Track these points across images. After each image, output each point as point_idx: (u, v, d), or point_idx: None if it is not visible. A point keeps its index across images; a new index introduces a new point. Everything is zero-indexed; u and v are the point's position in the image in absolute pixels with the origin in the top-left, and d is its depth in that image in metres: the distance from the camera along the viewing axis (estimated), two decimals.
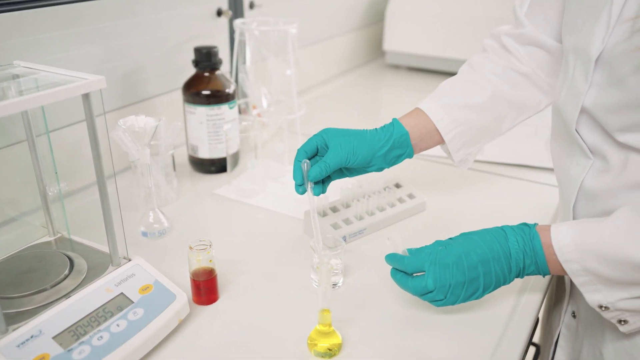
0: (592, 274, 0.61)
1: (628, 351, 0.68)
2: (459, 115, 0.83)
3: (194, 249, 0.71)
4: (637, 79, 0.59)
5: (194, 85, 1.06)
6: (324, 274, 0.62)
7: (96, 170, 0.65)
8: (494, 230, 0.68)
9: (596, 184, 0.67)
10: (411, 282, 0.68)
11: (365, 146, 0.78)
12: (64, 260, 0.70)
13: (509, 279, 0.67)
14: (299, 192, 0.78)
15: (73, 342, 0.60)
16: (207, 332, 0.69)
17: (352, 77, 1.81)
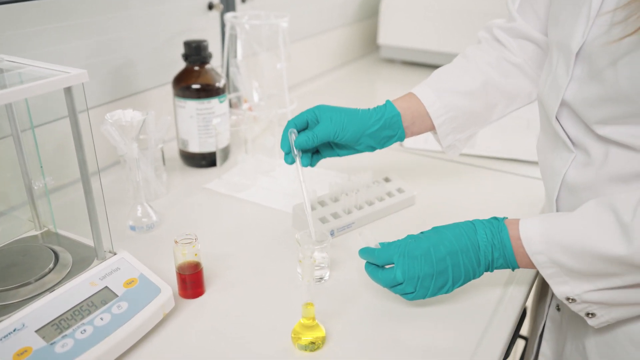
0: (559, 265, 0.62)
1: (609, 344, 0.68)
2: (450, 101, 0.84)
3: (179, 243, 0.72)
4: (613, 73, 0.59)
5: (184, 79, 1.06)
6: (307, 267, 0.63)
7: (79, 163, 0.65)
8: (463, 224, 0.69)
9: (578, 177, 0.67)
10: (381, 273, 0.69)
11: (356, 123, 0.79)
12: (48, 254, 0.70)
13: (478, 272, 0.68)
14: (287, 161, 0.79)
15: (56, 336, 0.60)
16: (192, 326, 0.70)
17: (347, 71, 1.80)
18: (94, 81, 1.04)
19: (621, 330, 0.67)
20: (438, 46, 1.73)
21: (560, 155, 0.70)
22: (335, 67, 1.83)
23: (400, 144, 1.23)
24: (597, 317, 0.64)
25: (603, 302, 0.62)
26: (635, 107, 0.59)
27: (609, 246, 0.57)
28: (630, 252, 0.56)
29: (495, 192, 1.04)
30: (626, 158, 0.62)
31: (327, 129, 0.78)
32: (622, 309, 0.63)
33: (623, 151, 0.63)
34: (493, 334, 0.69)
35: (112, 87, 1.08)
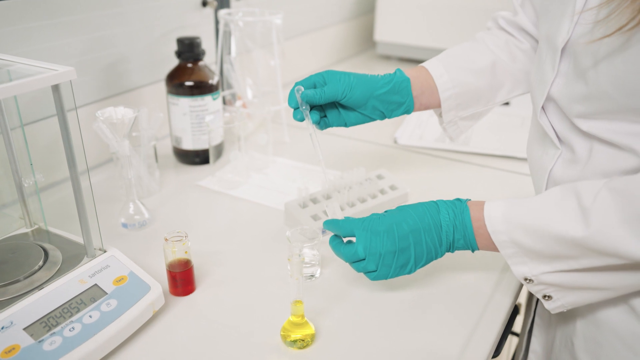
0: (518, 245, 0.63)
1: (597, 341, 0.68)
2: (458, 76, 0.84)
3: (169, 240, 0.72)
4: (596, 73, 0.60)
5: (177, 76, 1.05)
6: (296, 265, 0.63)
7: (68, 161, 0.65)
8: (427, 204, 0.70)
9: (564, 174, 0.68)
10: (343, 248, 0.70)
11: (364, 83, 0.79)
12: (38, 252, 0.70)
13: (440, 251, 0.69)
14: (295, 117, 0.78)
15: (44, 334, 0.60)
16: (183, 323, 0.70)
17: (343, 68, 1.80)
18: (87, 78, 1.04)
19: (608, 327, 0.67)
20: (435, 43, 1.73)
21: (547, 151, 0.71)
22: (331, 63, 1.83)
23: (395, 140, 1.23)
24: (554, 300, 0.65)
25: (559, 284, 0.63)
26: (617, 105, 0.59)
27: (567, 228, 0.58)
28: (586, 234, 0.57)
29: (488, 188, 1.04)
30: (609, 155, 0.63)
31: (335, 87, 0.77)
32: (578, 293, 0.63)
33: (606, 148, 0.63)
34: (483, 330, 0.70)
35: (106, 84, 1.08)
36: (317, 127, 0.80)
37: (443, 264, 0.80)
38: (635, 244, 0.55)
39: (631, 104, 0.59)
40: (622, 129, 0.61)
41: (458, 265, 0.80)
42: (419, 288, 0.76)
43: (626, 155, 0.62)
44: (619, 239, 0.56)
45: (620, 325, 0.66)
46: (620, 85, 0.59)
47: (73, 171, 0.66)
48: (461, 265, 0.80)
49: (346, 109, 0.81)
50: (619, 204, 0.56)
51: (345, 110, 0.81)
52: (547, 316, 0.80)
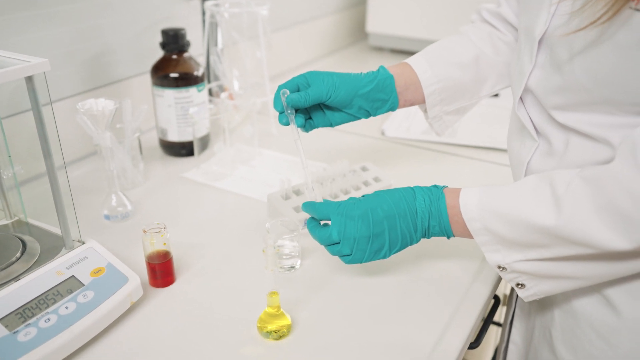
0: (492, 233, 0.64)
1: (574, 333, 0.69)
2: (441, 71, 0.84)
3: (147, 232, 0.72)
4: (571, 65, 0.60)
5: (162, 68, 1.05)
6: (270, 257, 0.63)
7: (44, 152, 0.65)
8: (404, 189, 0.70)
9: (541, 166, 0.68)
10: (318, 231, 0.70)
11: (348, 83, 0.79)
12: (16, 244, 0.70)
13: (415, 237, 0.69)
14: (281, 121, 0.78)
15: (19, 325, 0.60)
16: (161, 315, 0.70)
17: (334, 60, 1.80)
18: (73, 70, 1.04)
19: (584, 318, 0.67)
20: (427, 34, 1.72)
21: (525, 143, 0.71)
22: (322, 55, 1.82)
23: (383, 132, 1.23)
24: (527, 289, 0.65)
25: (532, 272, 0.63)
26: (592, 96, 0.60)
27: (539, 216, 0.59)
28: (558, 223, 0.57)
29: (473, 180, 1.04)
30: (586, 147, 0.63)
31: (319, 89, 0.77)
32: (551, 281, 0.64)
33: (582, 140, 0.63)
34: (461, 319, 0.70)
35: (92, 76, 1.08)
36: (302, 130, 0.80)
37: (423, 253, 0.80)
38: (605, 233, 0.55)
39: (606, 96, 0.59)
40: (597, 121, 0.62)
41: (438, 254, 0.81)
42: (398, 277, 0.76)
43: (601, 147, 0.62)
44: (590, 228, 0.56)
45: (595, 316, 0.66)
46: (594, 77, 0.59)
47: (49, 162, 0.66)
48: (442, 254, 0.81)
49: (331, 110, 0.81)
50: (591, 193, 0.56)
51: (330, 110, 0.81)
52: (527, 307, 0.81)
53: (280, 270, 0.78)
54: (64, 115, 1.00)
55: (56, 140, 0.66)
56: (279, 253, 0.78)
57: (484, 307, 0.74)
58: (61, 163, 0.69)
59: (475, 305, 0.72)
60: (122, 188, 0.97)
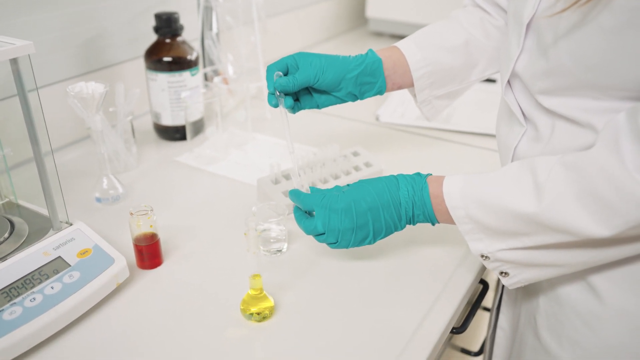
0: (475, 221, 0.64)
1: (558, 319, 0.69)
2: (431, 54, 0.83)
3: (134, 214, 0.72)
4: (556, 48, 0.60)
5: (156, 52, 1.05)
6: (252, 239, 0.63)
7: (30, 135, 0.66)
8: (387, 180, 0.70)
9: (527, 152, 0.68)
10: (304, 222, 0.71)
11: (336, 66, 0.79)
12: (4, 224, 0.71)
13: (399, 225, 0.70)
14: (270, 103, 0.78)
15: (5, 304, 0.61)
16: (147, 296, 0.71)
17: (333, 45, 1.79)
18: (67, 53, 1.04)
19: (568, 305, 0.68)
20: (427, 19, 1.70)
21: (512, 129, 0.71)
22: (321, 40, 1.81)
23: (377, 118, 1.23)
24: (511, 277, 0.66)
25: (515, 261, 0.64)
26: (577, 80, 0.59)
27: (520, 203, 0.59)
28: (538, 210, 0.58)
29: (466, 166, 1.04)
30: (571, 132, 0.63)
31: (306, 72, 0.77)
32: (534, 270, 0.64)
33: (568, 125, 0.63)
34: (443, 303, 0.70)
35: (86, 60, 1.08)
36: (290, 112, 0.80)
37: (410, 238, 0.81)
38: (585, 220, 0.56)
39: (589, 80, 0.59)
40: (582, 106, 0.61)
41: (425, 239, 0.81)
42: (384, 262, 0.77)
43: (586, 132, 0.62)
44: (570, 215, 0.56)
45: (579, 302, 0.67)
46: (578, 61, 0.58)
47: (35, 144, 0.67)
48: (428, 239, 0.81)
49: (318, 92, 0.81)
50: (571, 180, 0.56)
51: (317, 93, 0.81)
52: (513, 293, 0.81)
53: (267, 253, 0.79)
54: (58, 99, 1.01)
55: (43, 124, 0.66)
56: (265, 236, 0.78)
57: (468, 292, 0.74)
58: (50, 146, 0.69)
59: (458, 290, 0.73)
60: (114, 171, 0.98)
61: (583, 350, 0.66)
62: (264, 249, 0.79)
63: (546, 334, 0.71)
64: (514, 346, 0.80)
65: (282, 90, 0.77)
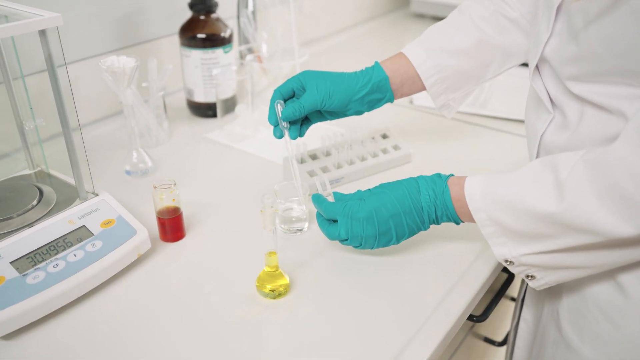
0: (497, 223, 0.62)
1: (581, 312, 0.67)
2: (441, 60, 0.81)
3: (157, 188, 0.74)
4: (586, 33, 0.57)
5: (190, 29, 1.06)
6: (268, 217, 0.63)
7: (58, 107, 0.67)
8: (407, 183, 0.69)
9: (554, 139, 0.66)
10: (327, 228, 0.71)
11: (343, 90, 0.78)
12: (34, 192, 0.73)
13: (423, 227, 0.69)
14: (276, 135, 0.78)
15: (29, 268, 0.64)
16: (167, 268, 0.72)
17: (372, 27, 1.76)
18: (104, 28, 1.06)
19: (592, 299, 0.66)
20: None
21: (540, 116, 0.68)
22: (359, 21, 1.78)
23: (411, 101, 1.21)
24: (537, 280, 0.64)
25: (540, 265, 0.62)
26: (607, 66, 0.57)
27: (541, 202, 0.57)
28: (560, 209, 0.55)
29: (495, 152, 1.01)
30: (600, 120, 0.60)
31: (313, 98, 0.76)
32: (560, 272, 0.62)
33: (597, 112, 0.60)
34: (461, 289, 0.69)
35: (123, 34, 1.10)
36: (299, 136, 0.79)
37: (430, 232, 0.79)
38: (608, 218, 0.53)
39: (620, 66, 0.56)
40: (612, 92, 0.59)
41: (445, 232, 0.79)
42: (403, 252, 0.75)
43: (616, 119, 0.59)
44: (592, 214, 0.54)
45: (602, 297, 0.65)
46: (609, 46, 0.56)
47: (63, 117, 0.68)
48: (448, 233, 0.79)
49: (327, 112, 0.81)
50: (593, 176, 0.54)
51: (326, 112, 0.81)
52: None
53: (287, 232, 0.79)
54: (95, 73, 1.03)
55: (71, 97, 0.68)
56: (286, 215, 0.79)
57: (487, 280, 0.72)
58: (77, 119, 0.71)
59: (477, 278, 0.71)
60: (146, 145, 1.00)
61: (604, 344, 0.64)
62: (285, 228, 0.79)
63: (568, 327, 0.69)
64: (536, 339, 0.78)
65: (288, 120, 0.76)
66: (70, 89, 0.68)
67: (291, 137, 0.77)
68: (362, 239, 0.69)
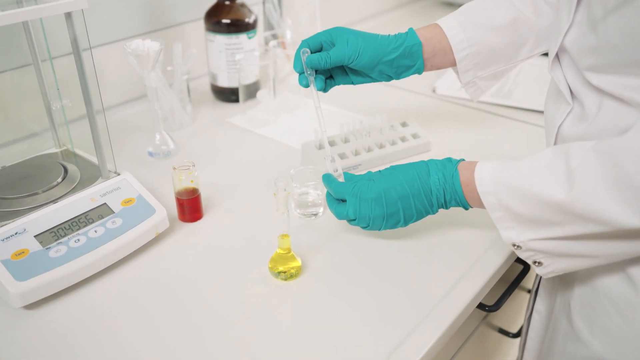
0: (506, 208, 0.62)
1: (592, 305, 0.67)
2: (475, 35, 0.80)
3: (176, 169, 0.76)
4: (605, 24, 0.56)
5: (215, 14, 1.08)
6: (281, 200, 0.65)
7: (82, 88, 0.69)
8: (418, 166, 0.69)
9: (572, 130, 0.65)
10: (336, 207, 0.72)
11: (374, 48, 0.77)
12: (59, 170, 0.76)
13: (431, 211, 0.70)
14: (301, 83, 0.77)
15: (52, 242, 0.66)
16: (184, 247, 0.74)
17: (398, 15, 1.75)
18: (131, 12, 1.08)
19: (603, 291, 0.65)
20: None
21: (559, 106, 0.68)
22: (387, 9, 1.77)
23: (434, 89, 1.20)
24: (544, 266, 0.63)
25: (547, 251, 0.61)
26: (625, 58, 0.56)
27: (550, 190, 0.57)
28: (569, 198, 0.55)
29: (516, 143, 1.01)
30: (617, 112, 0.59)
31: (342, 51, 0.75)
32: (568, 260, 0.61)
33: (615, 104, 0.60)
34: (472, 278, 0.70)
35: (149, 19, 1.12)
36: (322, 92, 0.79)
37: (443, 219, 0.79)
38: (616, 209, 0.53)
39: (638, 57, 0.55)
40: (630, 84, 0.58)
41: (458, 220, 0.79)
42: (415, 238, 0.76)
43: (634, 111, 0.59)
44: (601, 203, 0.54)
45: (614, 290, 0.64)
46: (627, 37, 0.55)
47: (87, 98, 0.70)
48: (461, 221, 0.79)
49: (353, 71, 0.80)
50: (604, 166, 0.53)
51: (352, 71, 0.80)
52: (551, 278, 0.79)
53: (302, 216, 0.80)
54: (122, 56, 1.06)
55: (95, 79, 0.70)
56: (302, 200, 0.80)
57: (499, 270, 0.72)
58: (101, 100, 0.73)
59: (488, 267, 0.71)
60: (169, 128, 1.02)
61: (613, 338, 0.64)
62: (300, 212, 0.80)
63: (579, 320, 0.69)
64: (548, 330, 0.78)
65: (313, 67, 0.75)
66: (94, 71, 0.70)
67: (317, 87, 0.77)
68: (369, 220, 0.69)
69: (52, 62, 0.78)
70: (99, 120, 0.73)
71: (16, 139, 0.87)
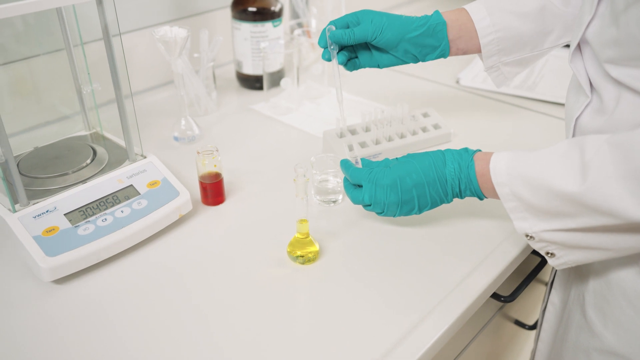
0: (519, 199, 0.62)
1: (606, 298, 0.67)
2: (501, 20, 0.80)
3: (200, 153, 0.78)
4: (626, 16, 0.56)
5: (242, 2, 1.09)
6: (300, 185, 0.66)
7: (111, 73, 0.72)
8: (434, 155, 0.70)
9: (589, 123, 0.65)
10: (352, 192, 0.73)
11: (397, 25, 0.78)
12: (88, 152, 0.79)
13: (446, 200, 0.71)
14: (324, 57, 0.80)
15: (80, 220, 0.69)
16: (206, 229, 0.77)
17: (425, 4, 1.75)
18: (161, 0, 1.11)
19: (616, 285, 0.66)
20: None
21: (578, 99, 0.68)
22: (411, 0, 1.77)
23: (458, 80, 1.20)
24: (557, 258, 0.64)
25: (559, 242, 0.62)
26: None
27: (564, 182, 0.57)
28: (582, 189, 0.55)
29: (537, 135, 1.00)
30: (636, 105, 0.59)
31: (365, 28, 0.77)
32: (580, 252, 0.62)
33: (634, 97, 0.60)
34: (488, 265, 0.71)
35: (177, 6, 1.14)
36: (345, 69, 0.81)
37: (460, 210, 0.80)
38: (629, 202, 0.53)
39: None
40: None
41: (475, 211, 0.80)
42: (432, 228, 0.77)
43: None
44: (614, 196, 0.54)
45: (628, 284, 0.65)
46: None
47: (116, 82, 0.73)
48: (479, 212, 0.80)
49: (379, 51, 0.81)
50: (617, 159, 0.54)
51: (377, 51, 0.81)
52: (566, 270, 0.79)
53: (322, 202, 0.82)
54: (151, 43, 1.08)
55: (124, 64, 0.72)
56: (322, 187, 0.81)
57: (514, 260, 0.73)
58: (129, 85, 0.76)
59: (503, 258, 0.72)
60: (194, 114, 1.05)
61: (626, 331, 0.64)
62: (320, 198, 0.82)
63: (592, 313, 0.69)
64: (562, 322, 0.78)
65: (336, 42, 0.77)
66: (124, 57, 0.73)
67: (339, 62, 0.79)
68: (384, 206, 0.70)
69: (84, 48, 0.81)
70: (127, 105, 0.76)
71: (48, 122, 0.90)
